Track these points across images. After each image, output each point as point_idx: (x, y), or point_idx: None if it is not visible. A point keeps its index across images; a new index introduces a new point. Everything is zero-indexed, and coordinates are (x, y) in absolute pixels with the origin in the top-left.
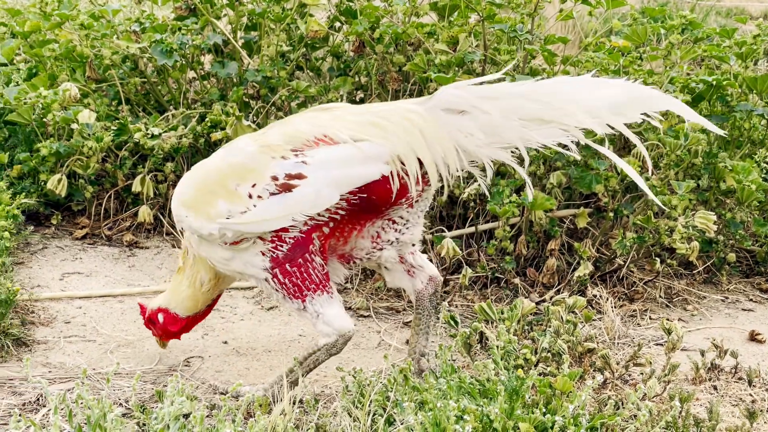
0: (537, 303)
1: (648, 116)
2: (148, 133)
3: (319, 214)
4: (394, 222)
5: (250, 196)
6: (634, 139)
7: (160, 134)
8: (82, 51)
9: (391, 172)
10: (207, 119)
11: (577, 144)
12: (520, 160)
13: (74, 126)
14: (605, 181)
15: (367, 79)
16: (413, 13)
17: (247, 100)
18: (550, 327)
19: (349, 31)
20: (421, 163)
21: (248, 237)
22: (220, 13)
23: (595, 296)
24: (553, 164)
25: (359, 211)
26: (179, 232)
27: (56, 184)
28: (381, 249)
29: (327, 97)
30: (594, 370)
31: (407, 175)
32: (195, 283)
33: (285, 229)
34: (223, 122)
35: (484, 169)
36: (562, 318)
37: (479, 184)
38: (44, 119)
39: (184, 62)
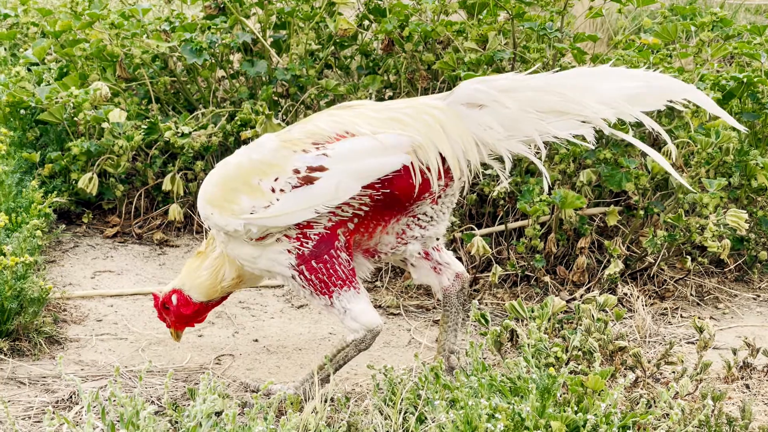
0: (567, 301)
1: (672, 103)
2: (178, 132)
3: (342, 210)
4: (418, 218)
5: (273, 191)
6: (658, 128)
7: (189, 133)
8: (113, 50)
9: (412, 164)
10: (237, 118)
11: (600, 139)
12: (546, 156)
13: (105, 125)
14: (636, 179)
15: (396, 77)
16: (442, 11)
17: (276, 98)
18: (580, 325)
19: (378, 29)
20: (443, 158)
21: (273, 232)
22: (249, 12)
23: (625, 294)
24: (583, 162)
25: (383, 207)
26: (206, 231)
27: (87, 182)
28: (406, 244)
29: (356, 95)
30: (625, 369)
31: (429, 169)
32: (215, 276)
33: (310, 226)
34: (252, 121)
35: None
36: (593, 316)
37: (506, 181)
38: (75, 118)
39: (213, 61)
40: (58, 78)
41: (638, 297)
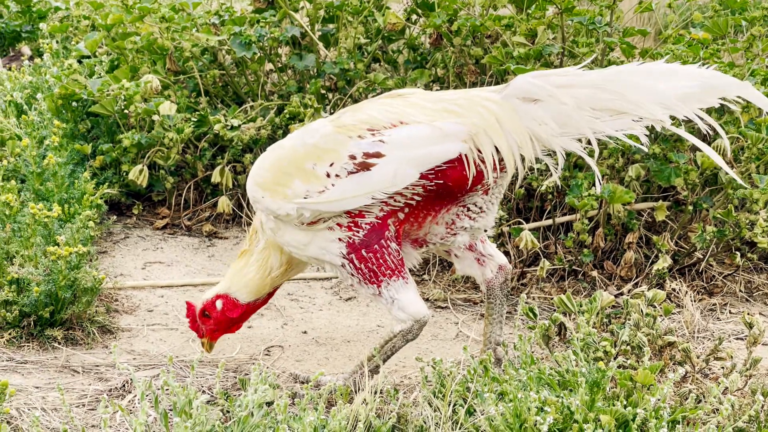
0: (615, 296)
1: (725, 101)
2: (227, 125)
3: (395, 200)
4: (468, 209)
5: (328, 176)
6: (714, 124)
7: (239, 126)
8: (163, 43)
9: (466, 156)
10: (285, 111)
11: (650, 136)
12: (594, 151)
13: (155, 117)
14: (685, 175)
15: (444, 71)
16: (491, 6)
17: (324, 92)
18: (629, 320)
19: (426, 23)
20: (497, 150)
21: (325, 217)
22: (297, 6)
23: (673, 290)
24: (631, 157)
25: (435, 198)
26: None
27: (138, 174)
28: (455, 234)
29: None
30: (674, 364)
31: (483, 162)
32: (264, 268)
33: (361, 215)
34: (301, 114)
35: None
36: (641, 311)
37: (557, 177)
38: (126, 110)
39: (262, 54)
40: (109, 71)
41: (686, 292)
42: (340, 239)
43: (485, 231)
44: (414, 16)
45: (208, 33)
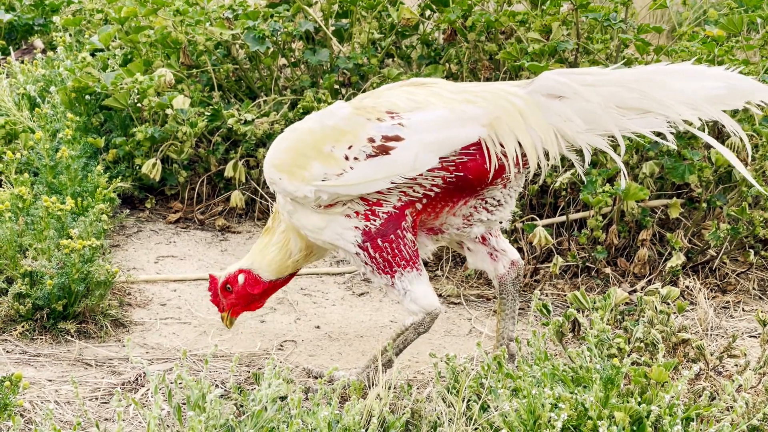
0: (628, 293)
1: (749, 105)
2: (240, 119)
3: (414, 190)
4: (486, 202)
5: (347, 158)
6: (736, 127)
7: (252, 120)
8: (177, 37)
9: (487, 148)
10: (299, 105)
11: (674, 133)
12: (615, 147)
13: (169, 111)
14: (699, 172)
15: (458, 67)
16: (505, 1)
17: (337, 87)
18: (643, 317)
19: (440, 18)
20: (519, 145)
21: (343, 200)
22: (311, 1)
23: (687, 287)
24: (645, 154)
25: (454, 190)
26: (269, 211)
27: (151, 168)
28: (471, 225)
29: None
30: (688, 361)
31: (505, 156)
32: (284, 250)
33: (379, 203)
34: (315, 109)
35: (580, 153)
36: (655, 308)
37: (572, 173)
38: (140, 104)
39: (275, 49)
40: (123, 64)
41: (700, 290)
42: (356, 227)
43: (501, 223)
44: (428, 12)
45: (221, 27)
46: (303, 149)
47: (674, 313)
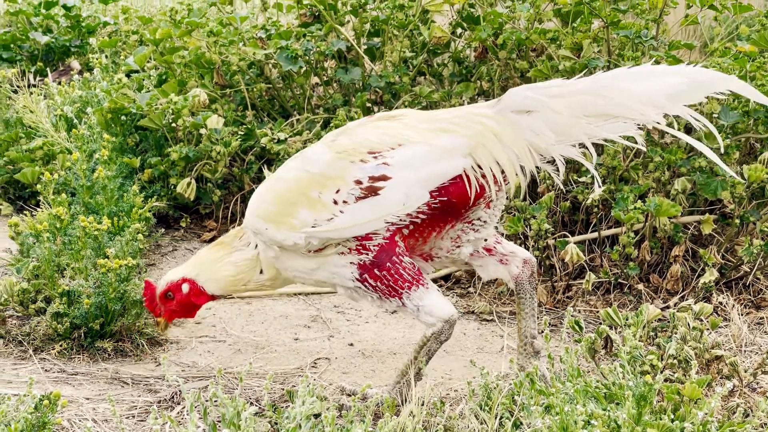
0: (661, 309)
1: (716, 95)
2: (274, 138)
3: (401, 219)
4: (473, 223)
5: (336, 203)
6: (706, 122)
7: (285, 139)
8: (211, 57)
9: (466, 172)
10: (332, 124)
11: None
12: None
13: (203, 131)
14: (731, 188)
15: (489, 84)
16: (536, 19)
17: (369, 105)
18: (675, 333)
19: (471, 36)
20: (497, 164)
21: (333, 244)
22: (343, 20)
23: (720, 303)
24: (677, 170)
25: (440, 214)
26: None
27: (185, 187)
28: (459, 247)
29: (449, 102)
30: (721, 378)
31: (484, 177)
32: (243, 275)
33: (368, 237)
34: None
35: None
36: (688, 324)
37: (604, 189)
38: (174, 124)
39: (308, 68)
40: (158, 85)
41: (733, 306)
42: (351, 263)
43: (485, 240)
44: (459, 30)
45: (254, 47)
46: (290, 197)
47: (707, 329)
